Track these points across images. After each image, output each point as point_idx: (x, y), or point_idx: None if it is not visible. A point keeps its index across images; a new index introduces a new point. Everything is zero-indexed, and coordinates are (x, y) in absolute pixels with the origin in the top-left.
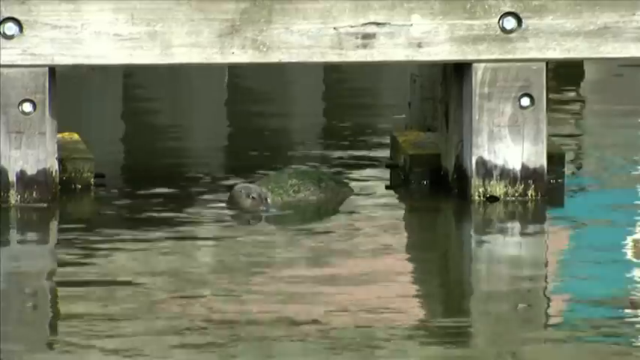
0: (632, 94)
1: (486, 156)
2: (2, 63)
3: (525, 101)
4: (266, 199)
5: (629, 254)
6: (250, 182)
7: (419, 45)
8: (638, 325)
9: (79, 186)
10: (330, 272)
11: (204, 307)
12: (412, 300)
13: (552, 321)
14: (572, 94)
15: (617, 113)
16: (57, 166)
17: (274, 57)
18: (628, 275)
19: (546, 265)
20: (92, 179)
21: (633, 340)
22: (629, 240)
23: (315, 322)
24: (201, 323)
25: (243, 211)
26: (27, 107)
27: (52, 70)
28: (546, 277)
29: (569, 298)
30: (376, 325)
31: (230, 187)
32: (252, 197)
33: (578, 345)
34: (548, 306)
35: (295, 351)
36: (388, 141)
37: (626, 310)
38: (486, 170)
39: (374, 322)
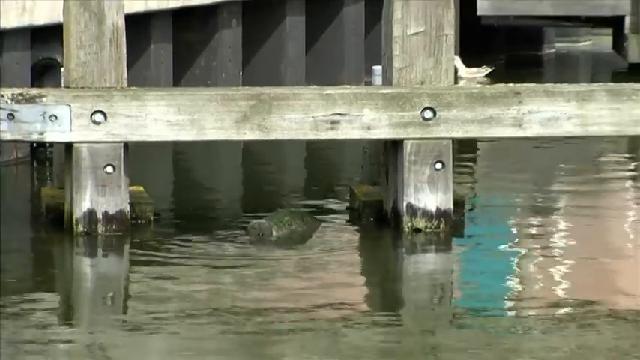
0: (515, 160)
1: (413, 202)
2: (93, 140)
3: (439, 165)
4: (271, 231)
5: (509, 266)
6: (260, 220)
7: (368, 128)
8: (518, 317)
9: (143, 222)
10: (313, 276)
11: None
12: (362, 293)
13: (458, 309)
14: (471, 161)
15: (502, 172)
16: (128, 209)
17: (273, 136)
18: (507, 281)
19: (452, 272)
20: (152, 217)
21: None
22: (509, 257)
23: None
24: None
25: (257, 238)
26: (109, 169)
27: (126, 145)
28: (451, 280)
29: (468, 294)
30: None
31: (247, 223)
32: (261, 230)
33: (474, 322)
34: (453, 299)
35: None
36: (348, 191)
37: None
38: (413, 211)
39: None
